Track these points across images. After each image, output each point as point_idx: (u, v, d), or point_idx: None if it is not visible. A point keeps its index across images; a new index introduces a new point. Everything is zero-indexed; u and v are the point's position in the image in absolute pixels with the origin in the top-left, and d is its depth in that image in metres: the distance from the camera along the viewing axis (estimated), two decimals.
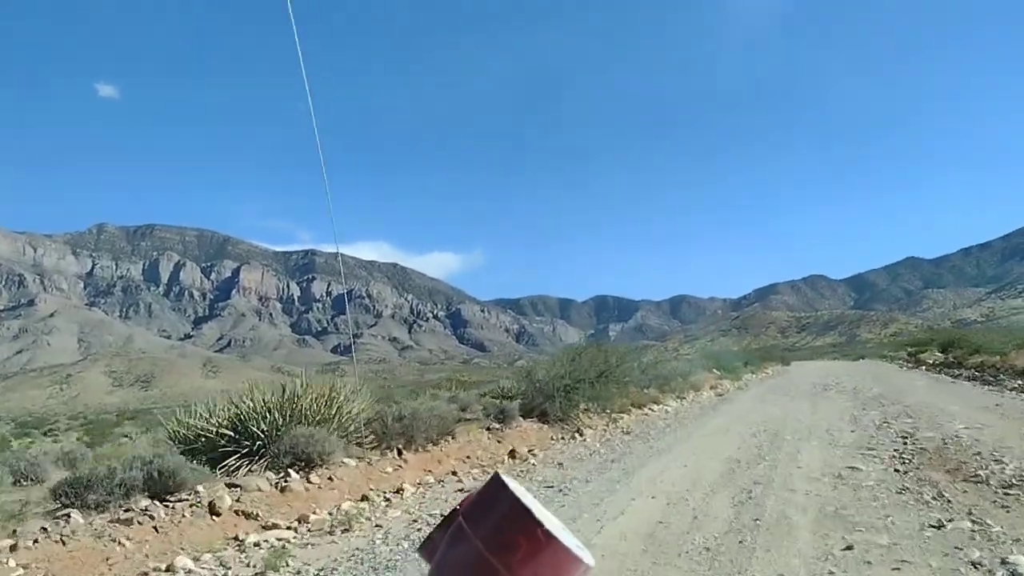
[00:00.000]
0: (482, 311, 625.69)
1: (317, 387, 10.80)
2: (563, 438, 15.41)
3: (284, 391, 10.42)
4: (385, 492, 9.46)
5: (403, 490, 9.52)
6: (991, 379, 23.28)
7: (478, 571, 1.15)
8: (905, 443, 11.01)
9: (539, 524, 1.14)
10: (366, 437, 11.04)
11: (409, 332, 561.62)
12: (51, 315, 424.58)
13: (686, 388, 28.30)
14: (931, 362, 38.33)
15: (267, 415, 10.07)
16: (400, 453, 10.88)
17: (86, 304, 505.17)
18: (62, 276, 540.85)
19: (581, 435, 15.89)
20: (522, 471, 11.37)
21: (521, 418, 15.73)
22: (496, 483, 1.22)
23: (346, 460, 9.82)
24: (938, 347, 40.81)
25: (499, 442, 13.84)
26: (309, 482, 8.92)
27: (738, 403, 23.00)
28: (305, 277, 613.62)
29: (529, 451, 13.34)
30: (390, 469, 10.27)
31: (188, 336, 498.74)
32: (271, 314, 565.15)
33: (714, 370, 39.63)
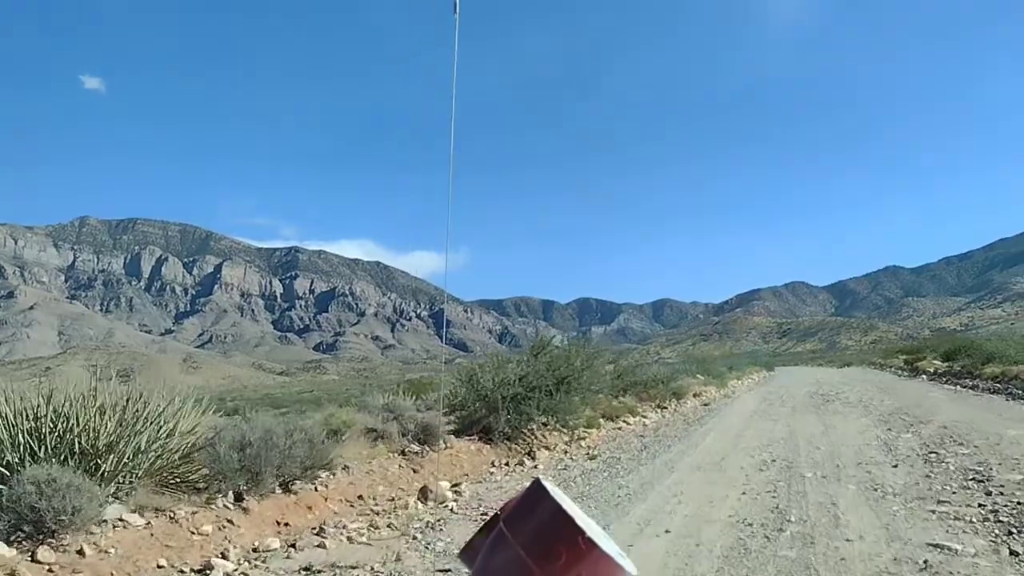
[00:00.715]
0: (465, 311, 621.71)
1: (114, 395, 7.13)
2: (507, 464, 11.81)
3: (48, 402, 6.73)
4: (182, 572, 5.84)
5: (212, 568, 5.90)
6: (1022, 393, 19.92)
7: None
8: (987, 491, 7.51)
9: (581, 531, 1.12)
10: (191, 474, 7.41)
11: (392, 331, 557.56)
12: (31, 307, 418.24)
13: (667, 396, 24.78)
14: (932, 371, 35.11)
15: (18, 439, 6.44)
16: (239, 499, 7.22)
17: (67, 297, 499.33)
18: (43, 269, 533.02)
19: (533, 459, 12.33)
20: (429, 524, 7.76)
21: (454, 436, 12.15)
22: (537, 488, 1.20)
23: (126, 518, 6.16)
24: (940, 355, 37.50)
25: (415, 471, 10.22)
26: (35, 561, 5.28)
27: (729, 416, 19.54)
28: (288, 274, 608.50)
29: (453, 487, 9.72)
30: (210, 527, 6.60)
31: (169, 331, 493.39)
32: (253, 310, 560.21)
33: (698, 375, 36.23)
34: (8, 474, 6.16)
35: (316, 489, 8.25)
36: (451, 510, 8.45)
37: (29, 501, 5.49)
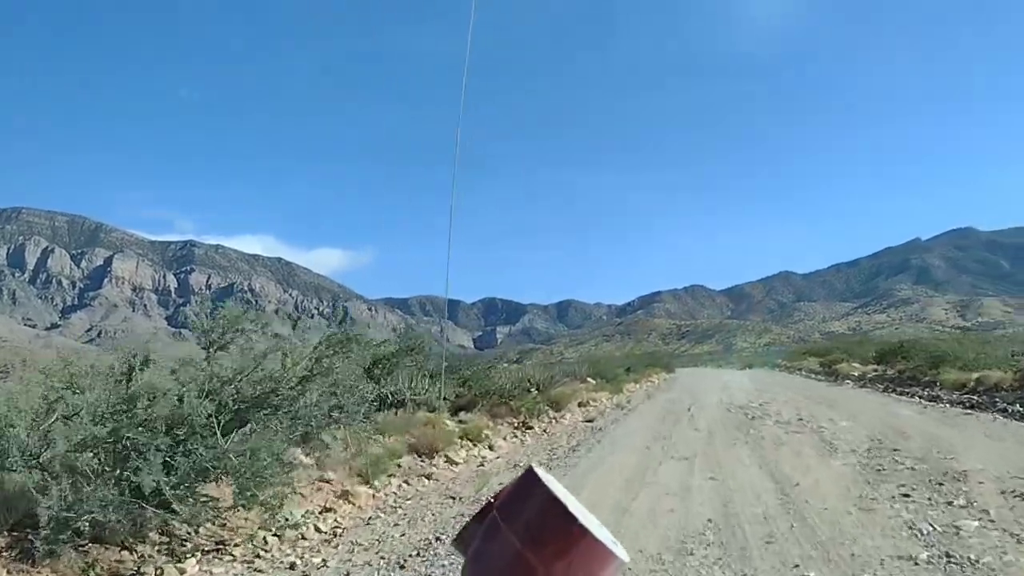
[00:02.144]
0: (369, 310, 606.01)
1: None
2: None
3: None
4: None
5: None
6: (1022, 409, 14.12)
7: (512, 565, 1.14)
8: None
9: (573, 519, 1.13)
10: None
11: (293, 329, 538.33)
12: None
13: (539, 408, 18.03)
14: (857, 375, 29.96)
15: None
16: None
17: None
18: None
19: None
20: None
21: None
22: (530, 476, 1.20)
23: None
24: (872, 357, 32.38)
25: None
26: None
27: (617, 445, 12.84)
28: (184, 268, 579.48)
29: None
30: None
31: (55, 326, 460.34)
32: (145, 305, 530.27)
33: (589, 379, 29.85)
34: None
35: None
36: None
37: None
